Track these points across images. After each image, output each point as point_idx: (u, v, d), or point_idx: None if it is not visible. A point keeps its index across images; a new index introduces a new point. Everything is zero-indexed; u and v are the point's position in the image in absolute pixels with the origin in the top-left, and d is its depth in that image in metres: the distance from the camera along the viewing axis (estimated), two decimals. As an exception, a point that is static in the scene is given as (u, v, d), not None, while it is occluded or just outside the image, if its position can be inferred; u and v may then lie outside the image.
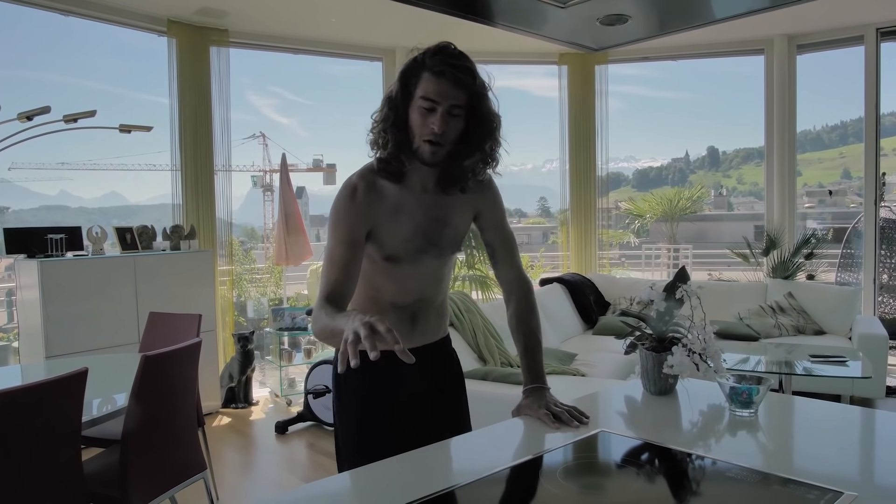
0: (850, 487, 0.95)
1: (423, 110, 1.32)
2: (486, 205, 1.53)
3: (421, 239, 1.43)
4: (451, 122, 1.33)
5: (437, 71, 1.31)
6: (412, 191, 1.43)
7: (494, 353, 3.51)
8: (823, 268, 6.03)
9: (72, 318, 3.71)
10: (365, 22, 4.97)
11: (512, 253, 1.57)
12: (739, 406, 1.33)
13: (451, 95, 1.31)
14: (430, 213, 1.44)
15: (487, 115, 1.38)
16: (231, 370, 4.66)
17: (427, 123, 1.32)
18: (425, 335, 1.52)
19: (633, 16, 1.88)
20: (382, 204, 1.40)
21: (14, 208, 33.52)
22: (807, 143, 35.62)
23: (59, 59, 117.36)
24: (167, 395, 2.26)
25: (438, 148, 1.34)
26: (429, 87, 1.31)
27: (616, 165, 28.88)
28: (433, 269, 1.49)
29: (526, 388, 1.44)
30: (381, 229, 1.40)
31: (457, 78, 1.31)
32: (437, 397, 1.55)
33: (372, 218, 1.39)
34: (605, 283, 5.41)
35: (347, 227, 1.38)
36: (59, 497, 1.83)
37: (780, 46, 5.48)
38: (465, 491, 1.01)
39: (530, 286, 1.59)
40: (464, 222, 1.51)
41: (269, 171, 17.41)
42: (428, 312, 1.52)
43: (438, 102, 1.31)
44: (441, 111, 1.31)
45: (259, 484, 3.38)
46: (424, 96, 1.32)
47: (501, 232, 1.56)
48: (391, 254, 1.42)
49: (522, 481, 1.07)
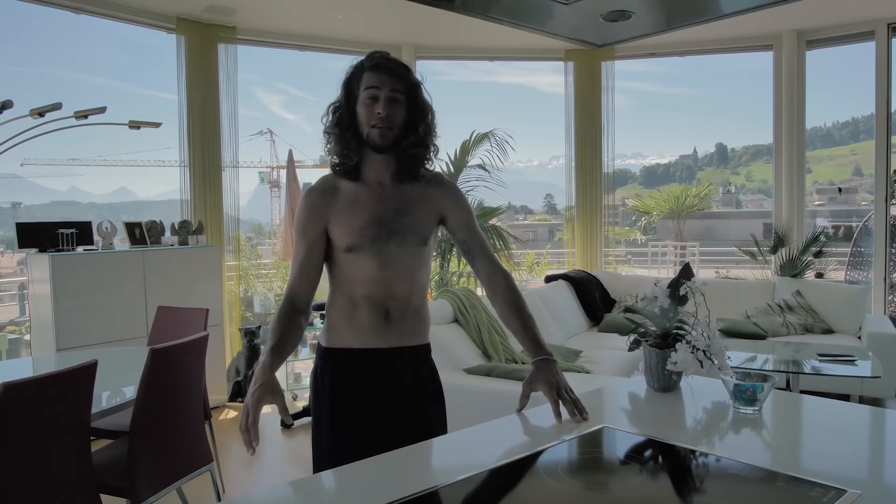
0: (855, 486, 0.95)
1: (368, 101, 1.48)
2: (450, 205, 1.59)
3: (378, 226, 1.49)
4: (394, 107, 1.48)
5: (375, 65, 1.49)
6: (369, 185, 1.54)
7: (499, 349, 3.51)
8: (833, 266, 6.00)
9: (82, 312, 3.74)
10: (371, 19, 4.97)
11: (485, 248, 1.61)
12: (743, 403, 1.33)
13: (390, 83, 1.48)
14: (387, 205, 1.52)
15: (422, 103, 1.53)
16: (238, 364, 4.69)
17: (373, 111, 1.47)
18: (401, 336, 1.54)
19: (636, 12, 1.88)
20: (338, 200, 1.52)
21: (26, 203, 33.76)
22: (817, 139, 35.36)
23: (70, 56, 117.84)
24: (175, 387, 2.28)
25: (386, 130, 1.47)
26: (370, 79, 1.48)
27: (623, 162, 28.79)
28: (397, 260, 1.51)
29: (535, 360, 1.45)
30: (337, 222, 1.50)
31: (392, 69, 1.49)
32: (409, 402, 1.55)
33: (325, 215, 1.52)
34: (610, 281, 5.40)
35: (303, 226, 1.52)
36: (69, 486, 1.85)
37: (788, 42, 5.44)
38: (468, 485, 1.02)
39: (509, 274, 1.62)
40: (425, 217, 1.55)
41: (276, 167, 17.46)
42: (404, 312, 1.54)
43: (380, 88, 1.47)
44: (383, 97, 1.47)
45: (265, 477, 3.41)
46: (367, 87, 1.48)
47: (470, 230, 1.60)
48: (350, 243, 1.49)
49: (525, 477, 1.08)
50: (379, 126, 1.47)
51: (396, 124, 1.49)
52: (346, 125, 1.51)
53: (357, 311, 1.51)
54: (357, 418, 1.52)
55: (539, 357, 1.45)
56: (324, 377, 1.55)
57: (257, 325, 4.78)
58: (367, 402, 1.52)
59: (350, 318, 1.52)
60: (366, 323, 1.51)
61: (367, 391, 1.52)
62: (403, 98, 1.49)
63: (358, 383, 1.52)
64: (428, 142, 1.55)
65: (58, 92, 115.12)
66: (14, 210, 16.77)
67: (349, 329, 1.52)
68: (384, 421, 1.51)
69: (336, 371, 1.54)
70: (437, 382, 1.63)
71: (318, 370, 1.57)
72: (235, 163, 5.00)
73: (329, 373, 1.54)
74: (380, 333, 1.51)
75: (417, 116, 1.52)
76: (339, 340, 1.54)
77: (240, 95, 4.96)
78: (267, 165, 17.81)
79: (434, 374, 1.63)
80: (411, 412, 1.54)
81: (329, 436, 1.53)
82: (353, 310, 1.52)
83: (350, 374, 1.52)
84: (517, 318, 1.54)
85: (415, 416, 1.54)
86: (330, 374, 1.54)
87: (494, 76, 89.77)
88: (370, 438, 1.48)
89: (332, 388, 1.53)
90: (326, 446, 1.53)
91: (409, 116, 1.51)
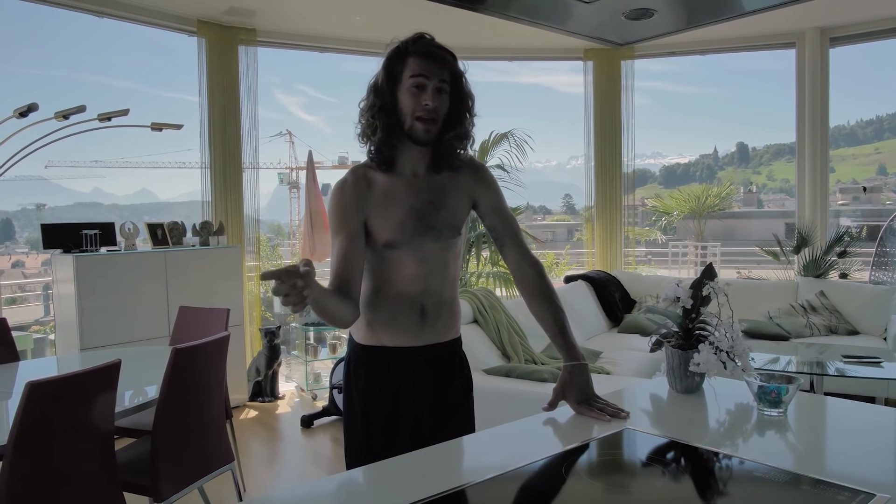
0: (883, 490, 0.93)
1: (414, 89, 1.40)
2: (481, 189, 1.55)
3: (415, 221, 1.45)
4: (440, 98, 1.42)
5: (424, 53, 1.41)
6: (403, 177, 1.48)
7: (518, 349, 3.50)
8: (857, 266, 5.89)
9: (105, 312, 3.80)
10: (389, 20, 4.99)
11: (516, 234, 1.57)
12: (768, 405, 1.31)
13: (438, 72, 1.41)
14: (422, 197, 1.47)
15: (466, 94, 1.48)
16: (258, 364, 4.73)
17: (419, 101, 1.40)
18: (436, 333, 1.52)
19: (658, 10, 1.86)
20: (373, 192, 1.46)
21: (50, 205, 34.36)
22: (840, 138, 34.74)
23: (93, 59, 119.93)
24: (196, 387, 2.30)
25: (431, 125, 1.42)
26: (417, 65, 1.40)
27: (642, 162, 28.56)
28: (434, 255, 1.48)
29: (567, 365, 1.43)
30: (375, 216, 1.45)
31: (442, 58, 1.42)
32: (441, 399, 1.53)
33: (364, 207, 1.45)
34: (630, 281, 5.36)
35: (342, 219, 1.44)
36: (93, 484, 1.88)
37: (812, 40, 5.35)
38: (491, 486, 1.01)
39: (540, 263, 1.58)
40: (460, 206, 1.52)
41: (296, 168, 17.59)
42: (439, 308, 1.51)
43: (428, 78, 1.40)
44: (431, 87, 1.40)
45: (285, 477, 3.43)
46: (414, 75, 1.40)
47: (502, 215, 1.56)
48: (388, 239, 1.44)
49: (548, 478, 1.07)
50: (425, 119, 1.40)
51: (441, 117, 1.43)
52: (389, 111, 1.43)
53: (392, 308, 1.48)
54: (389, 415, 1.50)
55: (570, 362, 1.43)
56: (357, 372, 1.53)
57: (277, 326, 4.82)
58: (399, 399, 1.51)
59: (385, 315, 1.49)
60: (401, 321, 1.48)
61: (400, 388, 1.51)
62: (448, 88, 1.43)
63: (391, 380, 1.51)
64: (470, 133, 1.51)
65: (81, 94, 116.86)
66: (38, 211, 17.09)
67: (384, 326, 1.49)
68: (416, 417, 1.50)
69: (369, 368, 1.52)
70: (466, 377, 1.61)
71: (350, 365, 1.55)
72: (255, 164, 5.04)
73: (363, 369, 1.53)
74: (415, 331, 1.49)
75: (461, 107, 1.47)
76: (373, 338, 1.51)
77: (260, 97, 5.02)
78: (286, 167, 17.97)
79: (464, 368, 1.61)
80: (442, 409, 1.53)
81: (361, 432, 1.52)
82: (388, 306, 1.48)
83: (383, 371, 1.51)
84: (547, 310, 1.51)
85: (445, 413, 1.53)
86: (364, 371, 1.52)
87: (513, 76, 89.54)
88: (402, 435, 1.47)
89: (366, 384, 1.52)
90: (359, 443, 1.52)
91: (452, 107, 1.45)
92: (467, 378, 1.61)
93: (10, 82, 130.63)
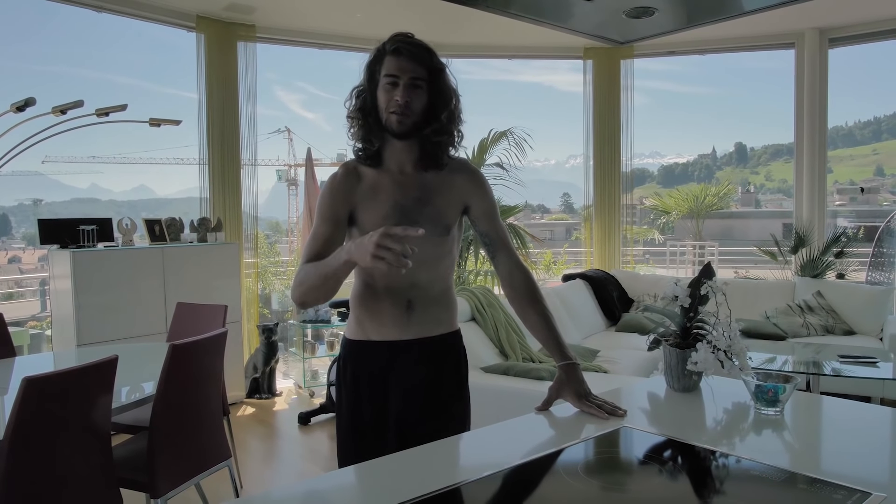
0: (879, 489, 0.94)
1: (388, 87, 1.44)
2: (475, 194, 1.56)
3: (399, 215, 1.46)
4: (414, 93, 1.44)
5: (395, 49, 1.44)
6: (390, 173, 1.51)
7: (516, 348, 3.50)
8: (854, 267, 5.91)
9: (102, 308, 3.79)
10: (390, 16, 4.98)
11: (507, 242, 1.59)
12: (765, 404, 1.32)
13: (410, 69, 1.43)
14: (408, 193, 1.49)
15: (444, 89, 1.49)
16: (255, 361, 4.73)
17: (392, 97, 1.44)
18: (423, 326, 1.52)
19: (659, 8, 1.86)
20: (360, 186, 1.50)
21: (47, 200, 34.30)
22: (838, 139, 34.81)
23: (92, 55, 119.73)
24: (194, 383, 2.30)
25: (403, 118, 1.44)
26: (390, 64, 1.44)
27: (641, 161, 28.56)
28: (421, 250, 1.46)
29: (563, 364, 1.44)
30: (361, 209, 1.48)
31: (412, 53, 1.44)
32: (430, 394, 1.52)
33: (350, 199, 1.49)
34: (628, 280, 5.36)
35: (328, 208, 1.49)
36: (90, 480, 1.88)
37: (811, 40, 5.36)
38: (486, 484, 1.01)
39: (529, 271, 1.60)
40: (448, 205, 1.52)
41: (294, 165, 17.58)
42: (426, 302, 1.52)
43: (399, 76, 1.43)
44: (402, 84, 1.43)
45: (282, 473, 3.43)
46: (386, 74, 1.44)
47: (494, 222, 1.58)
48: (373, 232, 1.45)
49: (544, 475, 1.07)
50: (396, 112, 1.43)
51: (415, 111, 1.45)
52: (368, 110, 1.48)
53: (379, 303, 1.50)
54: (377, 412, 1.51)
55: (564, 361, 1.44)
56: (346, 369, 1.55)
57: (275, 322, 4.82)
58: (387, 395, 1.51)
59: (372, 310, 1.51)
60: (388, 314, 1.50)
61: (388, 384, 1.51)
62: (424, 84, 1.45)
63: (378, 375, 1.52)
64: (451, 128, 1.51)
65: (79, 90, 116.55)
66: (35, 207, 17.06)
67: (371, 321, 1.52)
68: (403, 415, 1.50)
69: (358, 363, 1.54)
70: (461, 374, 1.60)
71: (341, 361, 1.58)
72: (254, 161, 5.03)
73: (351, 365, 1.54)
74: (402, 325, 1.50)
75: (440, 103, 1.48)
76: (361, 333, 1.53)
77: (259, 94, 5.00)
78: (285, 164, 17.95)
79: (459, 365, 1.60)
80: (431, 406, 1.52)
81: (349, 427, 1.53)
82: (375, 301, 1.50)
83: (371, 366, 1.52)
84: (537, 315, 1.53)
85: (434, 409, 1.53)
86: (352, 366, 1.54)
87: (513, 75, 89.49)
88: (390, 431, 1.49)
89: (354, 379, 1.53)
90: (347, 438, 1.54)
91: (431, 102, 1.46)
92: (462, 374, 1.61)
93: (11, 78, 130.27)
